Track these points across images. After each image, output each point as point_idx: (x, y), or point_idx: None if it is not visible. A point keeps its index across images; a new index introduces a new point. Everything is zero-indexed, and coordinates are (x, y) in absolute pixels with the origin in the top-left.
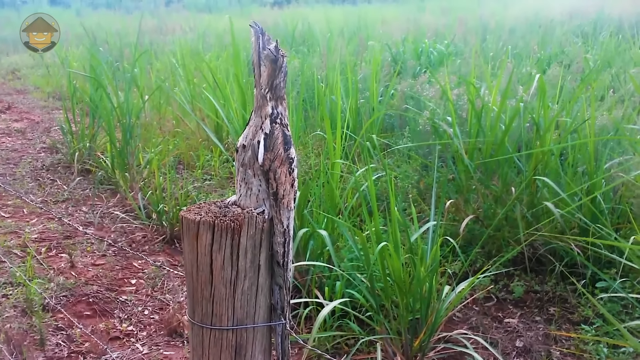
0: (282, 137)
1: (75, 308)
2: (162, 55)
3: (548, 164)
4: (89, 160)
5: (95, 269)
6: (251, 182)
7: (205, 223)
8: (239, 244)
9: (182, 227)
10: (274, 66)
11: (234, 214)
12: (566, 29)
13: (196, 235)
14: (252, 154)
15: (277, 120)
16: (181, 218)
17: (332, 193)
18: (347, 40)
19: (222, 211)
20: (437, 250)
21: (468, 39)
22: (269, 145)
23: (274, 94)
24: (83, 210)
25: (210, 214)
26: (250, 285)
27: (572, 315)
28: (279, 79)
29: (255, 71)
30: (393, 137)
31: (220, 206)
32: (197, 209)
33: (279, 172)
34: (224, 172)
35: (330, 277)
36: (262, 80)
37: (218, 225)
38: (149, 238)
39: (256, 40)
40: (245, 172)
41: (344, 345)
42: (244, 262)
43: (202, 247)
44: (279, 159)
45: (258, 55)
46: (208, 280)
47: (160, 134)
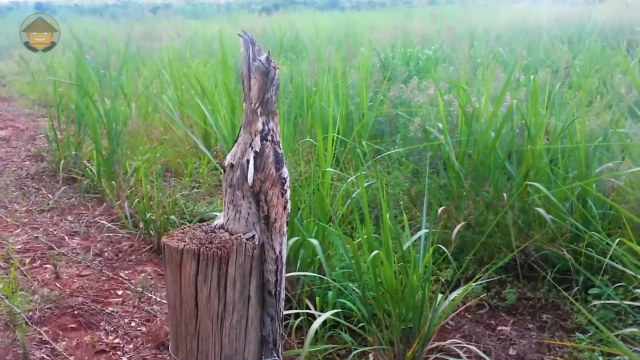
0: (273, 156)
1: (60, 321)
2: (149, 62)
3: (539, 170)
4: (74, 168)
5: (81, 280)
6: (240, 204)
7: (190, 251)
8: (227, 274)
9: (163, 255)
10: (265, 79)
11: (221, 241)
12: (552, 35)
13: (179, 264)
14: (241, 174)
15: (268, 137)
16: (163, 245)
17: (322, 201)
18: (336, 47)
19: (208, 237)
20: (430, 259)
21: (456, 45)
22: (259, 165)
23: (264, 108)
24: (68, 219)
25: (195, 241)
26: (240, 318)
27: (565, 322)
28: (270, 92)
29: (245, 84)
30: (383, 144)
31: (206, 231)
32: (181, 234)
33: (271, 194)
34: (213, 180)
35: (322, 286)
36: (253, 94)
37: (203, 254)
38: (135, 247)
39: (246, 51)
40: (233, 194)
41: (336, 356)
42: (233, 293)
43: (186, 278)
44: (270, 179)
45: (248, 67)
46: (193, 313)
47: (147, 141)
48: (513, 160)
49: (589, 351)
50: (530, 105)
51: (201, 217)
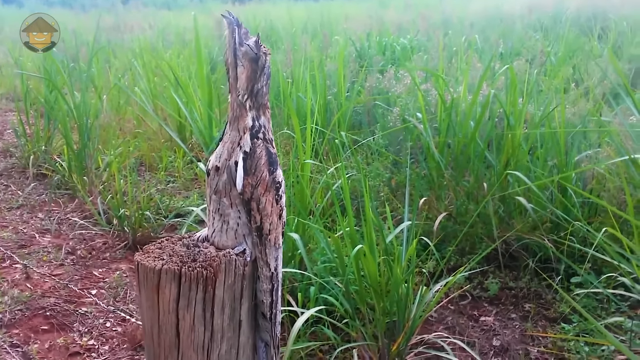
0: (265, 157)
1: (32, 323)
2: (120, 54)
3: (519, 159)
4: (44, 164)
5: (53, 279)
6: (228, 213)
7: (169, 272)
8: (214, 298)
9: (137, 275)
10: (254, 67)
11: (206, 258)
12: (526, 23)
13: (157, 287)
14: (228, 178)
15: (259, 134)
16: (136, 264)
17: (302, 193)
18: (311, 36)
19: (190, 253)
20: (414, 251)
21: (431, 34)
22: (249, 167)
23: (254, 101)
24: (39, 217)
25: (175, 258)
26: (229, 347)
27: (548, 311)
28: (260, 82)
29: (230, 73)
30: (362, 134)
31: (188, 245)
32: (158, 250)
33: (264, 201)
34: (189, 173)
35: (303, 281)
36: (240, 85)
37: (186, 275)
38: (110, 245)
39: (231, 35)
40: (219, 201)
41: (318, 352)
42: (221, 319)
43: (165, 304)
44: (262, 184)
45: (234, 53)
46: (174, 344)
47: (120, 135)
48: (493, 149)
49: (575, 341)
50: (509, 94)
51: (177, 212)
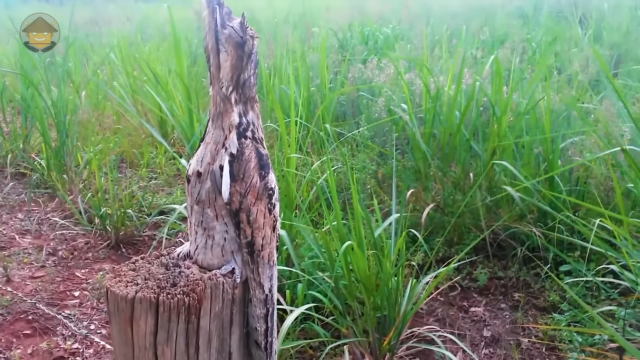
0: (255, 159)
1: (13, 327)
2: (98, 48)
3: (505, 148)
4: (22, 162)
5: (34, 282)
6: (212, 227)
7: (144, 301)
8: (199, 329)
9: (107, 304)
10: (239, 53)
11: (188, 281)
12: (507, 11)
13: (130, 319)
14: (213, 185)
15: (248, 133)
16: (106, 291)
17: (288, 188)
18: (293, 27)
19: (169, 276)
20: (403, 244)
21: (414, 23)
22: (237, 172)
23: (241, 94)
24: (19, 217)
25: (151, 282)
26: None
27: (538, 300)
28: (247, 71)
29: (212, 60)
30: (346, 126)
31: (167, 265)
32: (132, 272)
33: (255, 212)
34: (171, 169)
35: (291, 277)
36: (224, 75)
37: (164, 304)
38: (92, 244)
39: (211, 15)
40: (202, 213)
41: (308, 348)
42: (207, 354)
43: (141, 338)
44: (253, 191)
45: (215, 37)
46: None
47: (99, 131)
48: (479, 139)
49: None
50: (494, 84)
51: (161, 210)
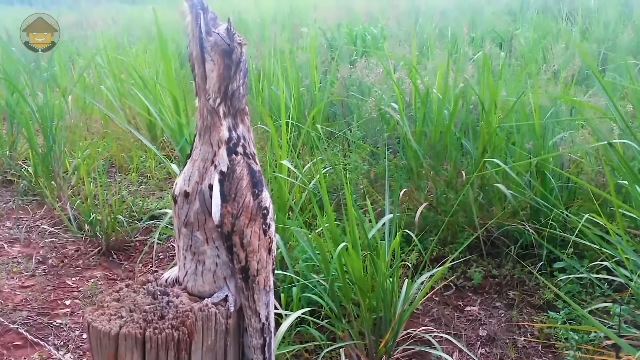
0: (248, 176)
1: (4, 339)
2: (84, 51)
3: (495, 145)
4: (9, 170)
5: (24, 291)
6: (203, 251)
7: (129, 337)
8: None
9: (89, 340)
10: (227, 61)
11: (177, 313)
12: (495, 8)
13: (114, 356)
14: (202, 206)
15: (238, 148)
16: (87, 326)
17: (280, 191)
18: (281, 28)
19: (157, 307)
20: (397, 245)
21: (402, 22)
22: (228, 192)
23: (230, 106)
24: (7, 225)
25: (136, 315)
26: None
27: (532, 298)
28: (236, 81)
29: (197, 71)
30: (337, 126)
31: (154, 293)
32: (115, 302)
33: (249, 234)
34: (161, 173)
35: (285, 282)
36: (210, 85)
37: (151, 340)
38: (82, 252)
39: (194, 21)
40: (191, 236)
41: (304, 352)
42: None
43: None
44: (246, 212)
45: (200, 45)
46: None
47: (87, 136)
48: (469, 137)
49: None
50: (483, 81)
51: (152, 214)
